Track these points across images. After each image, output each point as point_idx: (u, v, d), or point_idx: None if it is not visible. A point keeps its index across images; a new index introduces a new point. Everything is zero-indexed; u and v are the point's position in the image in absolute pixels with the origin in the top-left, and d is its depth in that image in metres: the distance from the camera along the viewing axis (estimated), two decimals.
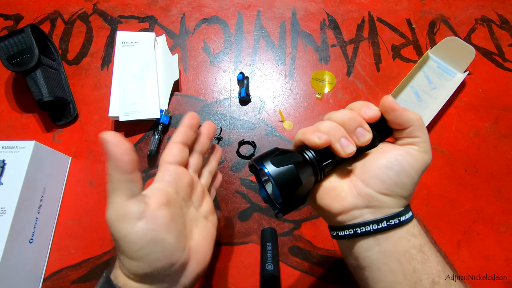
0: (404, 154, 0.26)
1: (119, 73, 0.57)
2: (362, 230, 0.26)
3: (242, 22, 0.68)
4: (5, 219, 0.41)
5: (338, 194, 0.27)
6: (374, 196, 0.26)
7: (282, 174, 0.24)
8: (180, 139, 0.31)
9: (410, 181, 0.26)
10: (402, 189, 0.26)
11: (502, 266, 0.49)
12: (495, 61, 0.65)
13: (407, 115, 0.26)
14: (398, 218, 0.25)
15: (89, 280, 0.47)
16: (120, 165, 0.24)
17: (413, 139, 0.26)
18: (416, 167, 0.26)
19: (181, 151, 0.30)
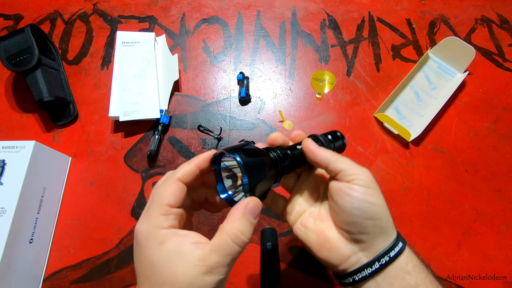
0: (350, 188, 0.27)
1: (119, 73, 0.57)
2: (359, 276, 0.27)
3: (242, 22, 0.68)
4: (5, 219, 0.41)
5: (331, 245, 0.28)
6: (360, 238, 0.27)
7: (251, 165, 0.25)
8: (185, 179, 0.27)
9: (375, 207, 0.26)
10: (376, 219, 0.26)
11: (502, 266, 0.49)
12: (495, 61, 0.65)
13: (317, 156, 0.29)
14: (388, 255, 0.26)
15: (89, 280, 0.47)
16: None
17: (342, 173, 0.27)
18: (367, 193, 0.26)
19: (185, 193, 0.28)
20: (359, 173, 0.27)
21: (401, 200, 0.53)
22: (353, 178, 0.27)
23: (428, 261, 0.49)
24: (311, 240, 0.30)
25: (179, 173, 0.26)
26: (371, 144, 0.57)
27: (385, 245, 0.27)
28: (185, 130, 0.57)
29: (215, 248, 0.22)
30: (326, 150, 0.29)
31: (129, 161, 0.55)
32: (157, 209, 0.24)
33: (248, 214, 0.24)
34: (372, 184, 0.27)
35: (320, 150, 0.29)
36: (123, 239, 0.50)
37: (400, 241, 0.28)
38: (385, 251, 0.26)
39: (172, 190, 0.25)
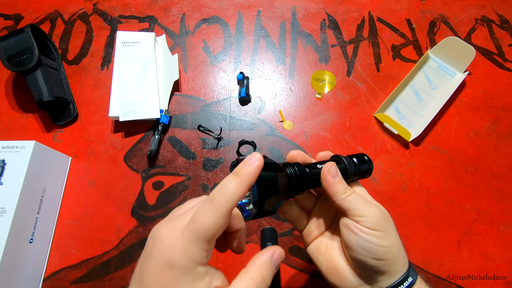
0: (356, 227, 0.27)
1: (119, 73, 0.57)
2: None
3: (242, 22, 0.68)
4: (5, 219, 0.41)
5: (339, 274, 0.28)
6: (367, 274, 0.27)
7: (264, 177, 0.25)
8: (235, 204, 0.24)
9: (382, 249, 0.26)
10: (382, 260, 0.26)
11: (502, 266, 0.49)
12: (495, 61, 0.65)
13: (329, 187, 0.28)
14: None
15: (89, 280, 0.47)
16: None
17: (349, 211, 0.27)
18: (374, 235, 0.26)
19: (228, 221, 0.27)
20: (366, 214, 0.27)
21: (401, 200, 0.53)
22: (360, 220, 0.27)
23: (428, 261, 0.49)
24: (321, 264, 0.30)
25: (230, 202, 0.21)
26: (371, 144, 0.57)
27: (393, 280, 0.27)
28: (185, 130, 0.57)
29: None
30: (340, 184, 0.28)
31: (129, 161, 0.55)
32: (201, 242, 0.20)
33: (273, 263, 0.23)
34: (381, 226, 0.26)
35: (334, 183, 0.28)
36: (123, 239, 0.50)
37: (410, 275, 0.27)
38: (393, 286, 0.26)
39: (220, 225, 0.21)
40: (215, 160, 0.55)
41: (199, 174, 0.54)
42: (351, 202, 0.27)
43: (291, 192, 0.28)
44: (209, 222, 0.20)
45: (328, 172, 0.28)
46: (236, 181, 0.21)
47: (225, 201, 0.21)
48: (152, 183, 0.53)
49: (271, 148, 0.56)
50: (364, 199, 0.28)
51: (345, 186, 0.28)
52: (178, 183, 0.53)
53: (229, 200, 0.21)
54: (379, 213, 0.27)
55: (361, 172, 0.31)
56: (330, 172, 0.28)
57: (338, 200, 0.28)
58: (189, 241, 0.20)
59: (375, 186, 0.53)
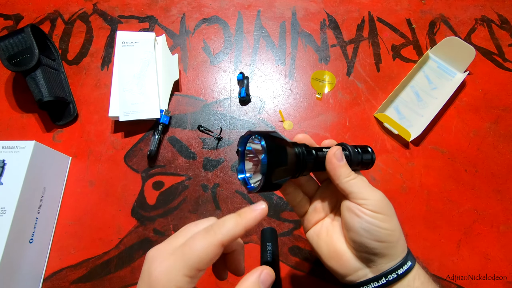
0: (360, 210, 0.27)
1: (119, 73, 0.57)
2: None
3: (242, 22, 0.68)
4: (5, 219, 0.41)
5: (340, 258, 0.29)
6: (367, 257, 0.27)
7: (274, 148, 0.26)
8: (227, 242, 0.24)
9: (384, 231, 0.27)
10: (384, 242, 0.27)
11: (502, 266, 0.49)
12: (495, 61, 0.65)
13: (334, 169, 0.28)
14: (396, 272, 0.27)
15: (89, 280, 0.47)
16: None
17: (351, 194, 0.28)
18: (377, 218, 0.27)
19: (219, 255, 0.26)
20: (369, 197, 0.27)
21: (401, 200, 0.53)
22: (363, 203, 0.27)
23: (428, 261, 0.49)
24: (322, 249, 0.31)
25: (225, 236, 0.22)
26: (371, 144, 0.57)
27: (393, 263, 0.27)
28: (185, 130, 0.57)
29: None
30: (345, 168, 0.28)
31: (129, 161, 0.55)
32: (185, 268, 0.21)
33: (261, 283, 0.22)
34: (383, 209, 0.27)
35: (339, 166, 0.28)
36: (123, 239, 0.50)
37: (409, 259, 0.28)
38: (393, 269, 0.27)
39: (210, 255, 0.21)
40: (215, 160, 0.55)
41: (199, 174, 0.54)
42: (354, 185, 0.28)
43: (297, 170, 0.29)
44: (200, 250, 0.21)
45: (333, 155, 0.29)
46: (236, 221, 0.23)
47: (220, 234, 0.22)
48: (152, 183, 0.53)
49: None
50: (367, 184, 0.29)
51: (349, 170, 0.29)
52: (178, 183, 0.53)
53: (224, 235, 0.22)
54: (382, 197, 0.28)
55: (364, 161, 0.32)
56: (336, 155, 0.28)
57: (342, 183, 0.28)
58: (175, 264, 0.21)
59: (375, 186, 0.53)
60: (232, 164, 0.55)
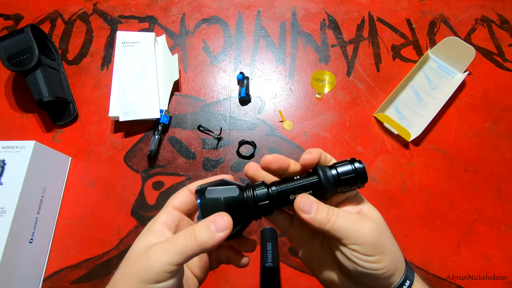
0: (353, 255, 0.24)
1: (119, 73, 0.57)
2: None
3: (242, 22, 0.68)
4: (5, 219, 0.41)
5: (335, 284, 0.27)
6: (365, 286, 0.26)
7: (209, 208, 0.25)
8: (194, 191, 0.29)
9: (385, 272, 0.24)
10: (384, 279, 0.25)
11: (502, 266, 0.49)
12: (495, 61, 0.65)
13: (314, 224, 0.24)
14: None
15: (89, 280, 0.47)
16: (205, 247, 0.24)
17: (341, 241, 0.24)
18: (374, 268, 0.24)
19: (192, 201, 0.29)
20: (360, 241, 0.24)
21: (401, 200, 0.53)
22: (354, 248, 0.24)
23: (428, 261, 0.49)
24: (316, 273, 0.29)
25: (191, 186, 0.28)
26: (371, 144, 0.57)
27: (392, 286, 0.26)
28: (185, 130, 0.57)
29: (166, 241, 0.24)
30: (320, 215, 0.24)
31: (129, 161, 0.55)
32: (162, 209, 0.27)
33: (212, 223, 0.24)
34: (377, 249, 0.24)
35: (311, 218, 0.24)
36: (123, 239, 0.50)
37: (408, 277, 0.26)
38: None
39: (179, 196, 0.28)
40: (215, 160, 0.55)
41: (199, 174, 0.54)
42: (338, 229, 0.24)
43: (249, 218, 0.26)
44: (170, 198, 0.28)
45: (300, 210, 0.24)
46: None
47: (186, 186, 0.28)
48: (152, 183, 0.53)
49: (271, 148, 0.56)
50: (353, 219, 0.25)
51: (325, 213, 0.24)
52: (178, 183, 0.53)
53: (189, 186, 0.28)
54: (373, 233, 0.24)
55: (343, 178, 0.25)
56: (302, 209, 0.24)
57: (325, 231, 0.24)
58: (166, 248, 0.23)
59: (375, 186, 0.53)
60: (232, 164, 0.55)
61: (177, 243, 0.23)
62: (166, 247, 0.23)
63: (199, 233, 0.23)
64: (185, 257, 0.23)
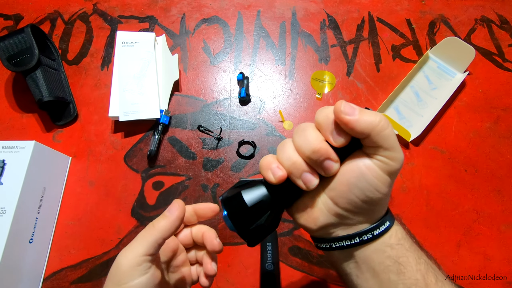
0: (368, 168, 0.23)
1: (119, 73, 0.57)
2: (336, 245, 0.26)
3: (242, 22, 0.68)
4: (5, 219, 0.41)
5: (310, 214, 0.26)
6: (344, 215, 0.25)
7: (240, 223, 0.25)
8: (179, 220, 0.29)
9: (379, 196, 0.23)
10: (372, 205, 0.24)
11: (502, 266, 0.49)
12: (495, 61, 0.65)
13: (361, 123, 0.21)
14: (371, 232, 0.25)
15: (89, 280, 0.47)
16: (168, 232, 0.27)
17: (376, 149, 0.22)
18: (382, 180, 0.23)
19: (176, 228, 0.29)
20: (393, 158, 0.22)
21: (401, 200, 0.53)
22: (382, 160, 0.22)
23: None
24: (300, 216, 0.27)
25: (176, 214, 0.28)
26: None
27: (369, 223, 0.25)
28: (185, 130, 0.57)
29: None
30: (367, 113, 0.22)
31: (129, 161, 0.55)
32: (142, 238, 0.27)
33: (166, 210, 0.27)
34: (394, 173, 0.23)
35: (359, 116, 0.21)
36: (123, 239, 0.50)
37: (388, 219, 0.25)
38: (369, 229, 0.25)
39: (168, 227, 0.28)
40: (215, 160, 0.55)
41: (199, 174, 0.54)
42: (388, 138, 0.22)
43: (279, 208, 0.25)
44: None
45: (341, 112, 0.22)
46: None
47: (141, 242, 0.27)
48: (152, 183, 0.53)
49: (271, 148, 0.56)
50: (396, 138, 0.23)
51: (374, 116, 0.22)
52: (178, 183, 0.53)
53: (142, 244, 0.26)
54: (403, 160, 0.23)
55: None
56: (344, 111, 0.21)
57: (373, 135, 0.22)
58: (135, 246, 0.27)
59: None
60: (232, 164, 0.55)
61: (138, 237, 0.26)
62: (130, 245, 0.26)
63: (157, 221, 0.27)
64: (149, 244, 0.25)
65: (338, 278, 0.30)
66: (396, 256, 0.25)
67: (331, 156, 0.23)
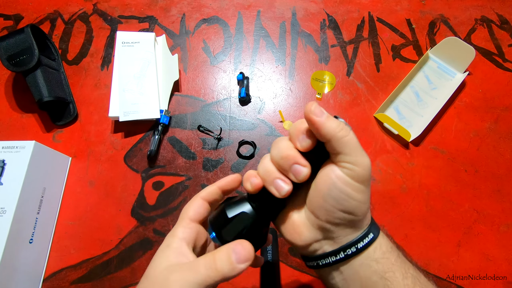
0: (337, 176, 0.23)
1: (119, 73, 0.57)
2: (322, 262, 0.26)
3: (242, 22, 0.68)
4: (5, 219, 0.41)
5: (295, 229, 0.26)
6: (326, 227, 0.25)
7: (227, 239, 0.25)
8: (207, 197, 0.29)
9: (354, 203, 0.24)
10: (351, 215, 0.24)
11: (502, 266, 0.49)
12: (495, 61, 0.65)
13: (325, 126, 0.23)
14: (355, 245, 0.25)
15: (89, 280, 0.47)
16: None
17: (339, 155, 0.23)
18: (353, 188, 0.23)
19: (206, 209, 0.29)
20: (358, 163, 0.23)
21: (401, 200, 0.53)
22: (350, 167, 0.23)
23: (428, 261, 0.49)
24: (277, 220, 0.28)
25: (202, 193, 0.28)
26: (371, 144, 0.57)
27: (354, 236, 0.25)
28: (185, 130, 0.57)
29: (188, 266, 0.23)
30: (331, 121, 0.23)
31: (129, 161, 0.55)
32: (178, 223, 0.27)
33: (232, 253, 0.23)
34: (363, 178, 0.23)
35: (323, 122, 0.23)
36: (123, 239, 0.50)
37: (371, 231, 0.25)
38: (353, 242, 0.25)
39: (193, 206, 0.28)
40: (215, 160, 0.55)
41: (199, 174, 0.54)
42: (347, 145, 0.23)
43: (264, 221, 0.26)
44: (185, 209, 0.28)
45: (311, 112, 0.23)
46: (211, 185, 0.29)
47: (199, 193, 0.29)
48: (152, 183, 0.53)
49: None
50: (359, 144, 0.24)
51: (337, 123, 0.23)
52: (178, 183, 0.53)
53: (202, 192, 0.29)
54: (368, 164, 0.24)
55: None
56: (313, 112, 0.23)
57: (332, 140, 0.23)
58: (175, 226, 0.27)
59: (375, 186, 0.53)
60: (232, 164, 0.55)
61: (197, 272, 0.23)
62: (186, 276, 0.23)
63: (220, 264, 0.23)
64: (204, 286, 0.23)
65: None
66: (382, 271, 0.25)
67: (299, 160, 0.24)
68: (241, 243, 0.24)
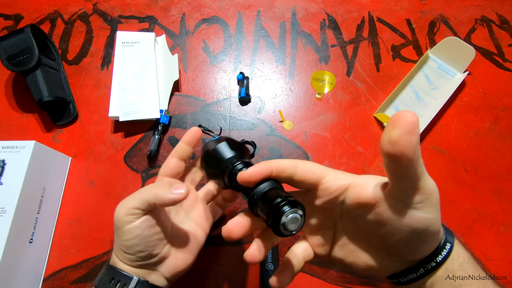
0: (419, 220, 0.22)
1: (119, 73, 0.57)
2: (404, 280, 0.26)
3: (242, 22, 0.68)
4: (5, 219, 0.41)
5: (375, 272, 0.27)
6: (402, 255, 0.25)
7: None
8: (176, 155, 0.35)
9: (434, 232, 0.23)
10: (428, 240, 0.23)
11: (502, 266, 0.49)
12: (495, 61, 0.65)
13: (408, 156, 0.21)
14: (434, 260, 0.24)
15: (89, 280, 0.47)
16: None
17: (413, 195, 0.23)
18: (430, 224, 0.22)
19: (176, 165, 0.35)
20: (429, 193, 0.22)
21: None
22: (421, 199, 0.22)
23: None
24: (352, 268, 0.28)
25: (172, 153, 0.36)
26: (371, 144, 0.57)
27: (430, 248, 0.24)
28: (185, 130, 0.57)
29: None
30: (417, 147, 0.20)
31: (129, 161, 0.55)
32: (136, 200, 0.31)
33: (173, 186, 0.29)
34: (437, 205, 0.22)
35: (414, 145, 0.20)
36: None
37: (448, 240, 0.24)
38: (431, 255, 0.24)
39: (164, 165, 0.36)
40: None
41: None
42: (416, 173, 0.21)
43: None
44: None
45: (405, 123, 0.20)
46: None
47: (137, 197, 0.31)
48: None
49: (271, 148, 0.56)
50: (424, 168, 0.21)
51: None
52: None
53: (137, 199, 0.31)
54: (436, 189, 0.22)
55: None
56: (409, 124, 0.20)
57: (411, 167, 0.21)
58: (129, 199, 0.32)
59: None
60: None
61: (137, 193, 0.30)
62: (129, 197, 0.30)
63: (158, 188, 0.29)
64: (142, 202, 0.29)
65: (338, 278, 0.30)
66: (459, 285, 0.24)
67: None
68: (184, 184, 0.30)
